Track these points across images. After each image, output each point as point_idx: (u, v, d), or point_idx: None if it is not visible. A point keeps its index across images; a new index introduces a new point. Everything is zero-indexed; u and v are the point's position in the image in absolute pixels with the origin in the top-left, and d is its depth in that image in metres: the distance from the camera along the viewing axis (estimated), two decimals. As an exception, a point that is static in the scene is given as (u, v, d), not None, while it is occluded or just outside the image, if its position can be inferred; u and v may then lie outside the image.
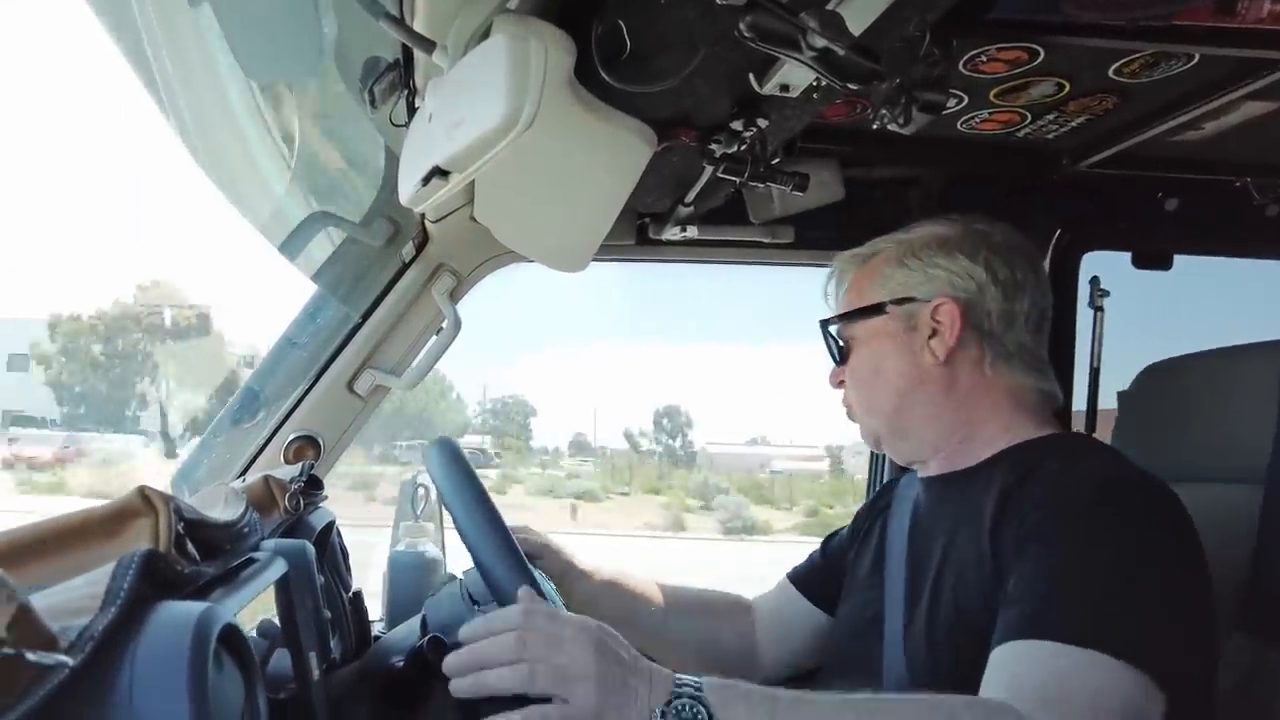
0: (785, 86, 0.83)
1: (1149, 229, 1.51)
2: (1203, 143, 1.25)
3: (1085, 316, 1.50)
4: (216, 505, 0.73)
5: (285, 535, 0.91)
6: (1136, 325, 1.71)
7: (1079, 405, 1.49)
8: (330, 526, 1.07)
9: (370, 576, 1.38)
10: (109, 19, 0.89)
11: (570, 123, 0.85)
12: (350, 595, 1.09)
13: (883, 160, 1.43)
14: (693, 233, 1.43)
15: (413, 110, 0.94)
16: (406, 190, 0.87)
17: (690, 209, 1.29)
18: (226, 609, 0.50)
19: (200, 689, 0.41)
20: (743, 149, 0.98)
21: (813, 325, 1.10)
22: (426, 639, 0.86)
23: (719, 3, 0.65)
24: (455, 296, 1.44)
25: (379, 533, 1.46)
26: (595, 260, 1.18)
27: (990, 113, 1.18)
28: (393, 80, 0.94)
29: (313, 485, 1.04)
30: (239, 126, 1.13)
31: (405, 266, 1.42)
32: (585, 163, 0.95)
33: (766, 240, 1.48)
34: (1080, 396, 1.49)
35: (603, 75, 0.79)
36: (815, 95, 0.85)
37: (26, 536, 0.52)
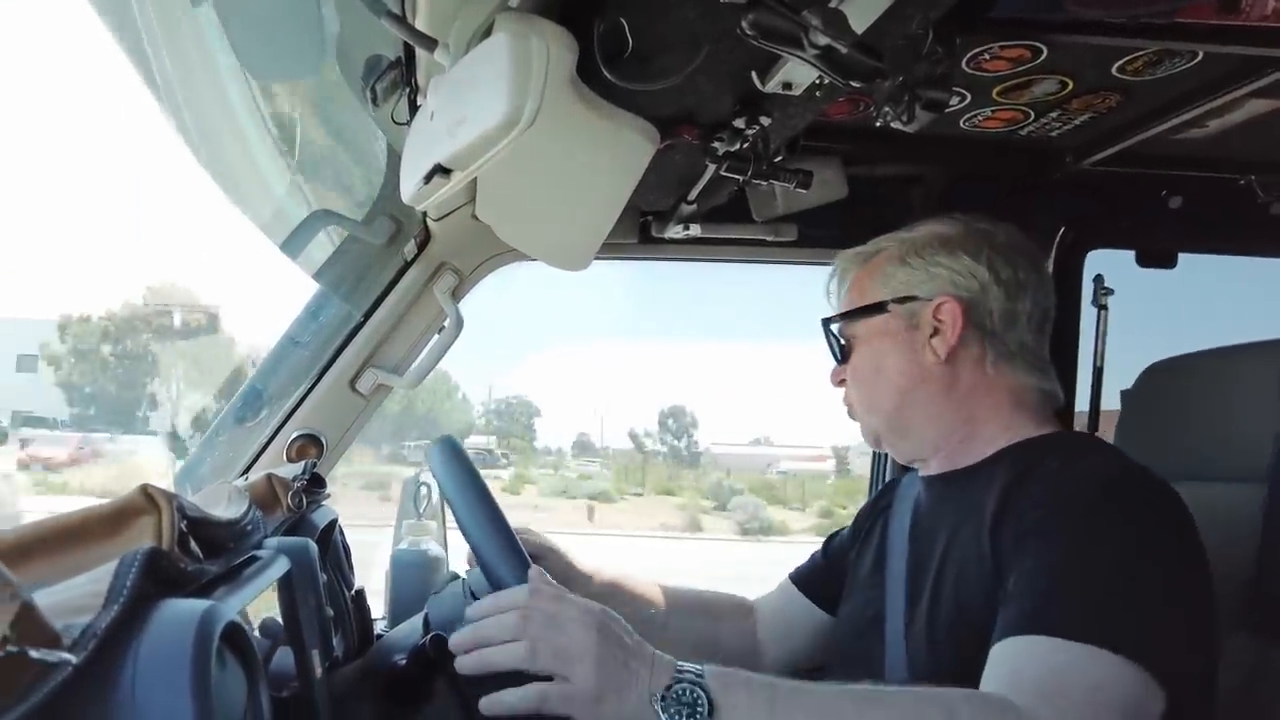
0: (788, 84, 0.82)
1: (1153, 227, 1.51)
2: (1206, 140, 1.25)
3: (1089, 315, 1.49)
4: (219, 503, 0.73)
5: (288, 533, 0.91)
6: (1141, 324, 1.70)
7: (1083, 405, 1.48)
8: (333, 525, 1.07)
9: (374, 575, 1.39)
10: (111, 19, 0.89)
11: (572, 121, 0.85)
12: (353, 593, 1.10)
13: (885, 158, 1.43)
14: (695, 231, 1.43)
15: (414, 108, 0.94)
16: (408, 188, 0.87)
17: (693, 207, 1.29)
18: (229, 607, 0.50)
19: (203, 687, 0.41)
20: (745, 147, 0.97)
21: (815, 324, 1.10)
22: (429, 637, 0.86)
23: (721, 0, 0.65)
24: (457, 295, 1.44)
25: (384, 533, 1.47)
26: (597, 259, 1.18)
27: (993, 111, 1.18)
28: (394, 78, 0.94)
29: (315, 483, 1.04)
30: (240, 125, 1.13)
31: (407, 265, 1.42)
32: (587, 161, 0.94)
33: (769, 238, 1.47)
34: (1084, 395, 1.49)
35: (605, 73, 0.79)
36: (818, 93, 0.85)
37: (29, 535, 0.52)
